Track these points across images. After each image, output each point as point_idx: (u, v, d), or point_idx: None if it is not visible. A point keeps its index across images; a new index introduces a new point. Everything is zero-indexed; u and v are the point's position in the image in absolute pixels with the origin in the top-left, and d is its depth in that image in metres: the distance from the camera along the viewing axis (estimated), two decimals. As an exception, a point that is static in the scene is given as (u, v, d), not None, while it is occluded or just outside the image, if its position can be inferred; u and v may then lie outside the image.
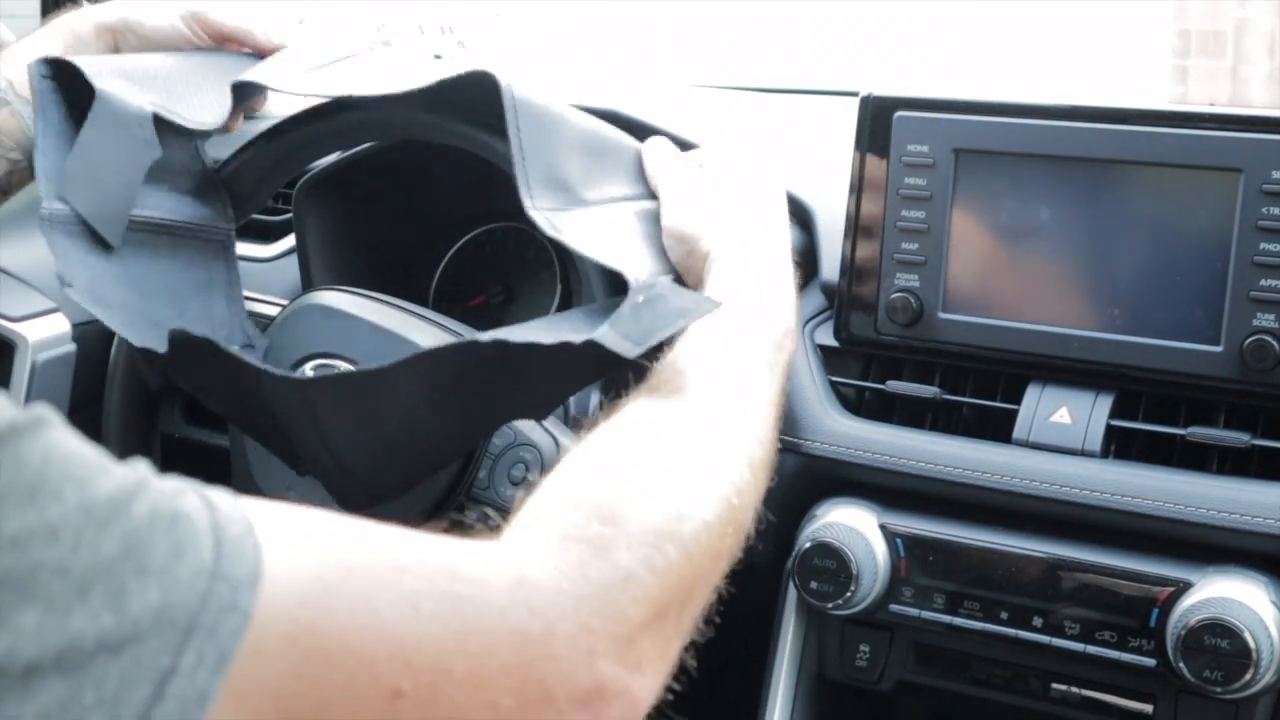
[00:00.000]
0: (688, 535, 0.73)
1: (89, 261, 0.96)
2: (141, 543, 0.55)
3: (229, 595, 0.56)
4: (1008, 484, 1.10)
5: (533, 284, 1.50)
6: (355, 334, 1.06)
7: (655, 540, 0.71)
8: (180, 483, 0.59)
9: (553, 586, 0.66)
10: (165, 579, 0.55)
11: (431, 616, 0.63)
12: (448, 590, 0.64)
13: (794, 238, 1.29)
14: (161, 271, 1.02)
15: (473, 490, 1.03)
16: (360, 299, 1.10)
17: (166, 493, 0.58)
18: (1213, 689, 0.99)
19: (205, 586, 0.56)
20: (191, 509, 0.58)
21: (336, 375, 0.90)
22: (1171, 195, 1.07)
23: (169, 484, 0.59)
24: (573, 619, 0.66)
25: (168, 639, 0.54)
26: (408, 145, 1.30)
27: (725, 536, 0.77)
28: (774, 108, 1.70)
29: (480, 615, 0.64)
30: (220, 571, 0.57)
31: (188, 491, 0.59)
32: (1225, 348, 1.05)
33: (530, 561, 0.67)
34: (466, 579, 0.65)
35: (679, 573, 0.72)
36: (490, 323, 1.54)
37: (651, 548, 0.71)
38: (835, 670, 1.21)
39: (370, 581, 0.62)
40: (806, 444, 1.17)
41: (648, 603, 0.69)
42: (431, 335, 1.07)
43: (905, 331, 1.16)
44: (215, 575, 0.56)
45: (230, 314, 1.06)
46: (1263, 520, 1.02)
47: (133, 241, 1.00)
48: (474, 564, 0.66)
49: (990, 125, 1.12)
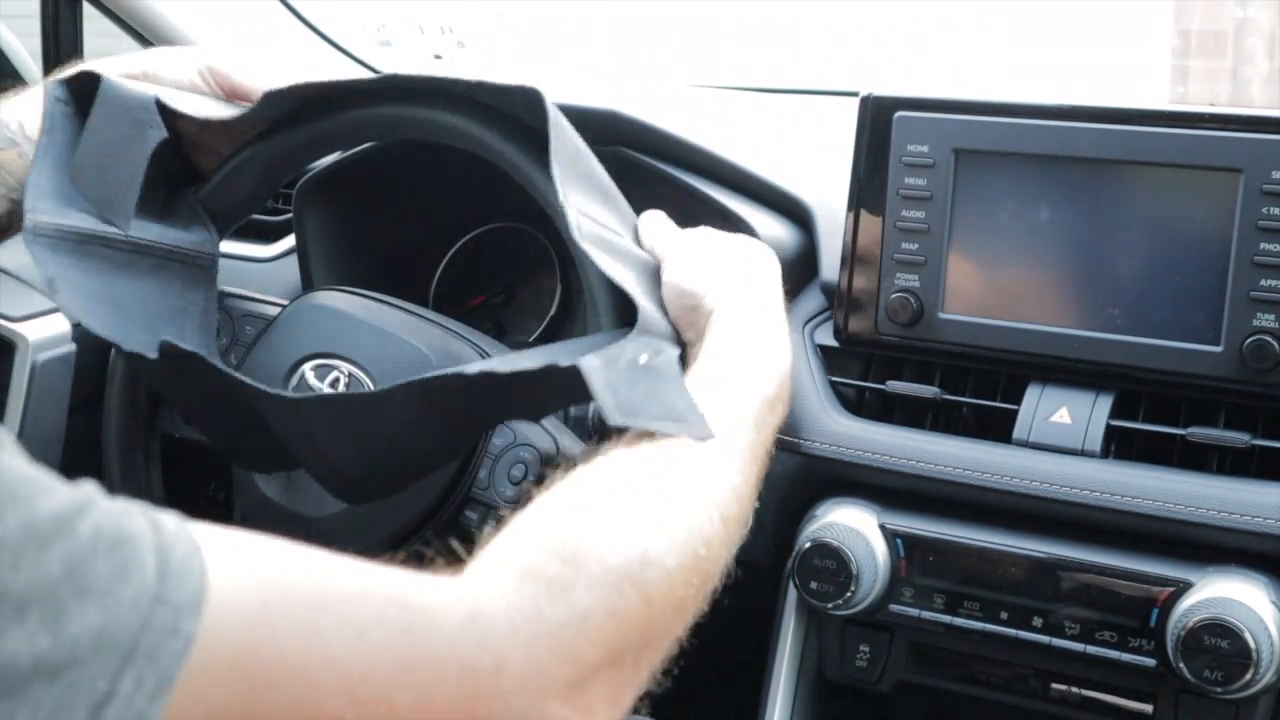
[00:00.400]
0: (650, 581, 0.71)
1: (71, 275, 0.97)
2: (83, 563, 0.54)
3: (171, 619, 0.56)
4: (1007, 484, 1.10)
5: (533, 285, 1.50)
6: (355, 334, 1.06)
7: (616, 583, 0.70)
8: (128, 504, 0.59)
9: (506, 622, 0.65)
10: (106, 601, 0.54)
11: (379, 646, 0.62)
12: (397, 621, 0.63)
13: (794, 238, 1.29)
14: (139, 293, 1.02)
15: (473, 490, 1.03)
16: (360, 299, 1.10)
17: (112, 513, 0.57)
18: (1213, 689, 0.99)
19: (147, 609, 0.55)
20: (137, 530, 0.57)
21: (330, 396, 0.91)
22: (1172, 195, 1.07)
23: (116, 505, 0.58)
24: (524, 657, 0.65)
25: (106, 663, 0.53)
26: (408, 145, 1.30)
27: (689, 586, 0.76)
28: (774, 108, 1.70)
29: (429, 648, 0.63)
30: (163, 595, 0.56)
31: (135, 513, 0.58)
32: (1225, 348, 1.05)
33: (485, 596, 0.66)
34: (417, 610, 0.64)
35: (638, 618, 0.71)
36: (490, 323, 1.55)
37: (611, 590, 0.69)
38: (835, 670, 1.21)
39: (318, 609, 0.61)
40: (806, 444, 1.17)
41: (603, 646, 0.68)
42: (431, 335, 1.07)
43: (905, 331, 1.16)
44: (158, 598, 0.55)
45: (203, 344, 1.06)
46: (1263, 520, 1.02)
47: (115, 260, 1.01)
48: (426, 596, 0.65)
49: (990, 125, 1.12)
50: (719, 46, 5.60)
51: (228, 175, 1.07)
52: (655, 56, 5.44)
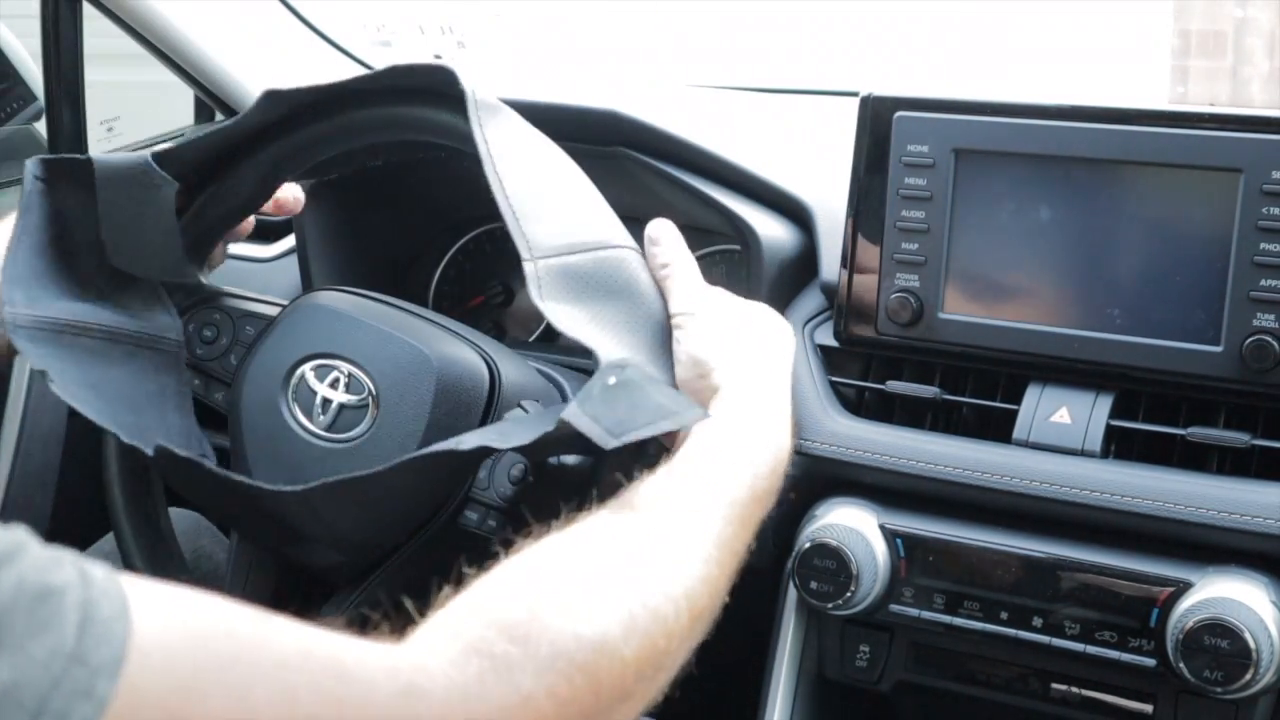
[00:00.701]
0: (602, 669, 0.69)
1: (55, 365, 0.98)
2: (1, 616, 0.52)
3: (85, 680, 0.53)
4: (1007, 484, 1.10)
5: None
6: (355, 334, 1.06)
7: (565, 669, 0.67)
8: (60, 553, 0.56)
9: (443, 700, 0.64)
10: (18, 657, 0.52)
11: (308, 717, 0.60)
12: (330, 690, 0.61)
13: (794, 238, 1.29)
14: (117, 380, 1.03)
15: (472, 490, 1.03)
16: (360, 299, 1.10)
17: (39, 564, 0.55)
18: (1213, 689, 0.99)
19: (61, 669, 0.53)
20: (64, 583, 0.55)
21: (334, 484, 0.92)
22: (1171, 195, 1.07)
23: (46, 554, 0.56)
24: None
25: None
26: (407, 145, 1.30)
27: (643, 679, 0.72)
28: (774, 108, 1.70)
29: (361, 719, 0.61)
30: (81, 654, 0.54)
31: (65, 563, 0.56)
32: (1225, 348, 1.05)
33: (425, 670, 0.64)
34: (352, 680, 0.62)
35: (583, 706, 0.68)
36: (490, 323, 1.55)
37: (559, 676, 0.67)
38: (835, 670, 1.21)
39: (249, 673, 0.59)
40: (806, 444, 1.17)
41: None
42: (431, 335, 1.07)
43: (905, 331, 1.16)
44: (74, 657, 0.53)
45: (184, 425, 1.07)
46: (1263, 520, 1.02)
47: (91, 348, 1.03)
48: (363, 665, 0.63)
49: (990, 125, 1.12)
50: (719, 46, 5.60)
51: (229, 178, 1.07)
52: (655, 56, 5.44)
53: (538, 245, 0.91)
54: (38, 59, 1.75)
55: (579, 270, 0.91)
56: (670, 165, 1.34)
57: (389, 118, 1.03)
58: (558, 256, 0.91)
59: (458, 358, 1.05)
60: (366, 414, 1.03)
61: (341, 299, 1.10)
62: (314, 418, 1.05)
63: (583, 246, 0.92)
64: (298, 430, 1.05)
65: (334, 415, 1.04)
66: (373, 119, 1.04)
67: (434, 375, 1.03)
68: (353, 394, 1.04)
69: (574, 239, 0.92)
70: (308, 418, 1.05)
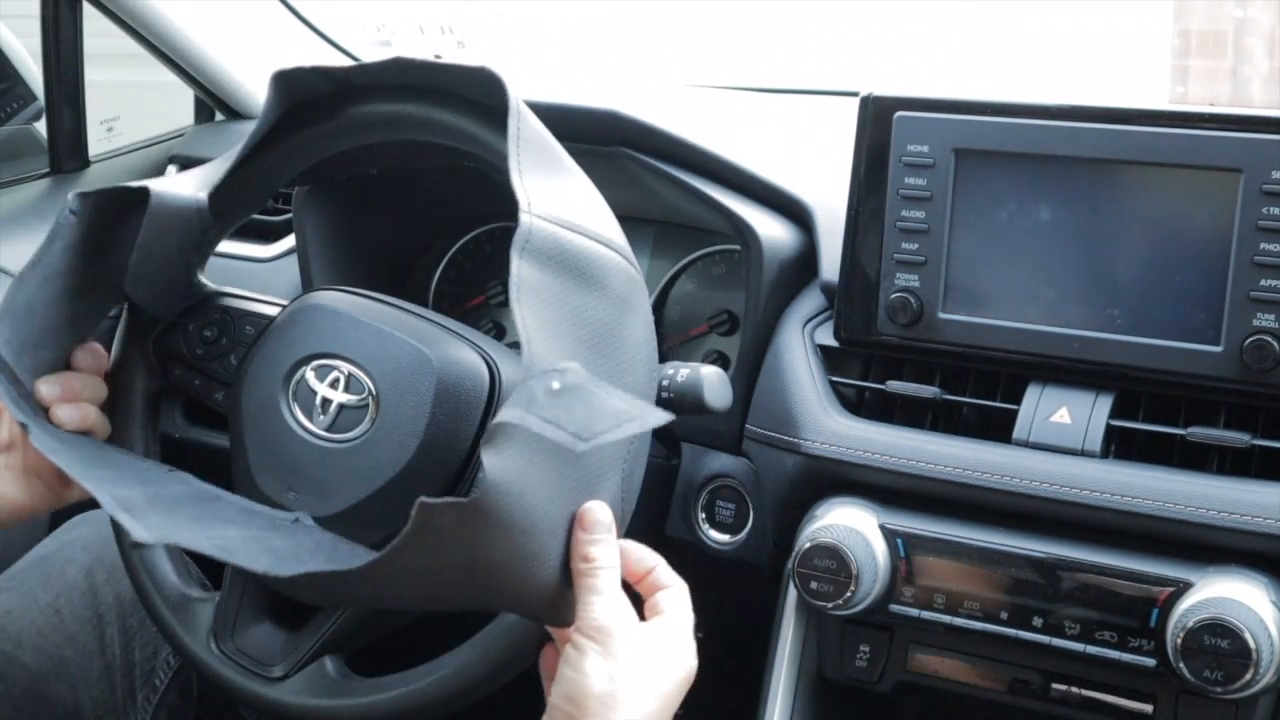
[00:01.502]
0: None
1: (37, 420, 0.99)
2: None
3: None
4: (1007, 484, 1.10)
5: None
6: (355, 334, 1.06)
7: None
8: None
9: None
10: None
11: None
12: None
13: (794, 238, 1.29)
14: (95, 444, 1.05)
15: (473, 489, 1.03)
16: (360, 299, 1.10)
17: None
18: (1213, 689, 0.99)
19: None
20: None
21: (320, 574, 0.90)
22: (1171, 195, 1.07)
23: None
24: None
25: None
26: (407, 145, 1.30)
27: None
28: (774, 108, 1.70)
29: None
30: None
31: None
32: (1225, 348, 1.05)
33: None
34: None
35: None
36: (490, 323, 1.55)
37: None
38: (835, 670, 1.21)
39: None
40: (806, 444, 1.17)
41: None
42: (431, 335, 1.07)
43: (905, 331, 1.16)
44: None
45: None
46: (1263, 520, 1.02)
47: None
48: None
49: (990, 125, 1.12)
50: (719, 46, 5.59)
51: (232, 178, 1.07)
52: (655, 56, 5.44)
53: (540, 206, 0.90)
54: (38, 59, 1.75)
55: (567, 245, 0.91)
56: (670, 165, 1.34)
57: (393, 115, 1.03)
58: (554, 224, 0.90)
59: (458, 358, 1.05)
60: (367, 414, 1.03)
61: (341, 299, 1.10)
62: (314, 418, 1.04)
63: (580, 229, 0.92)
64: (298, 430, 1.05)
65: (334, 415, 1.04)
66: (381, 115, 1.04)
67: (434, 375, 1.02)
68: (353, 394, 1.04)
69: (575, 220, 0.92)
70: (308, 418, 1.05)
